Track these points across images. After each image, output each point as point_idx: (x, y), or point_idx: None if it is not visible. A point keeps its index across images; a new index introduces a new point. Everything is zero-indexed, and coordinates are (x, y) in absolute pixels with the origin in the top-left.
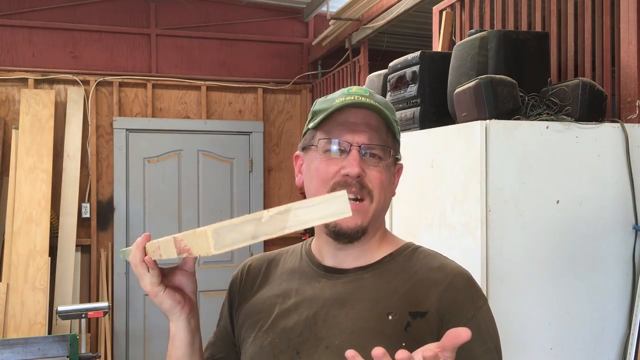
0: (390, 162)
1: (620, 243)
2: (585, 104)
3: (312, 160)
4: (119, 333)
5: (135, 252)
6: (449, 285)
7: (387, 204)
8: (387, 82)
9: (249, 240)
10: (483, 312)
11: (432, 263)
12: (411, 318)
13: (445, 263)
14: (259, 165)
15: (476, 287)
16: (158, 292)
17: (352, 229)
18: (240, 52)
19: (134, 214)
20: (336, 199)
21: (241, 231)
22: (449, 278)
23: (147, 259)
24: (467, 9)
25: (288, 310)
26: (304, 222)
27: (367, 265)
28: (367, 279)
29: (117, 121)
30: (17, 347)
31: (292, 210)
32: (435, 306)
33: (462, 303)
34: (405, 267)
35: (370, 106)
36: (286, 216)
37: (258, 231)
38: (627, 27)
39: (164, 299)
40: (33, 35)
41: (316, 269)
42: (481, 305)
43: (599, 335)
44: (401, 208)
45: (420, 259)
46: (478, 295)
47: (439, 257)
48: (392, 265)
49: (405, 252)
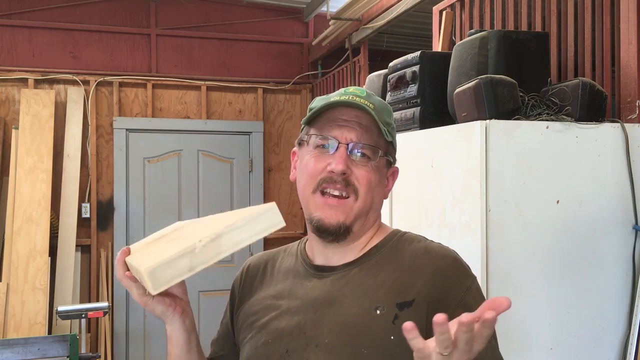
0: (380, 163)
1: (620, 243)
2: (585, 104)
3: (303, 156)
4: (119, 333)
5: (117, 267)
6: (434, 270)
7: (377, 205)
8: (387, 82)
9: (186, 274)
10: (472, 292)
11: (417, 248)
12: (398, 310)
13: (430, 247)
14: (259, 165)
15: (463, 267)
16: (147, 301)
17: (334, 225)
18: (240, 52)
19: (134, 214)
20: (267, 213)
21: (177, 267)
22: (434, 262)
23: (128, 274)
24: (467, 9)
25: (281, 311)
26: (239, 243)
27: (353, 260)
28: (354, 275)
29: (117, 121)
30: (17, 347)
31: (223, 234)
32: (423, 293)
33: (450, 286)
34: (391, 257)
35: (362, 106)
36: (219, 241)
37: (194, 262)
38: (627, 27)
39: (155, 305)
40: (33, 35)
41: (308, 269)
42: (469, 284)
43: (599, 335)
44: (401, 208)
45: (405, 246)
46: (465, 275)
47: (424, 241)
48: (378, 257)
49: (390, 242)
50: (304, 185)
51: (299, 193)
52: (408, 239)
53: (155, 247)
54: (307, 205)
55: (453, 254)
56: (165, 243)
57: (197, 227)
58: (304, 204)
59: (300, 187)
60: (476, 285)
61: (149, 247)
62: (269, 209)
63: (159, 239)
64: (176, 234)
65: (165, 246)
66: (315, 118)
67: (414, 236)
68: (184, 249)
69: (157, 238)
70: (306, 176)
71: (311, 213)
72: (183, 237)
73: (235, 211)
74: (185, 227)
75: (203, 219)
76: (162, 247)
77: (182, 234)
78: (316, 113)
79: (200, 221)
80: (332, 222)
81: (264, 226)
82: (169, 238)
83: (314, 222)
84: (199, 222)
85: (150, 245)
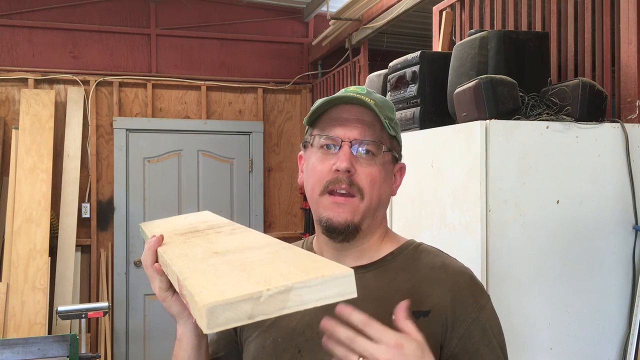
0: (385, 159)
1: (620, 243)
2: (585, 104)
3: (309, 158)
4: (119, 333)
5: (147, 253)
6: (452, 286)
7: (384, 202)
8: (387, 82)
9: (245, 320)
10: (487, 310)
11: (434, 261)
12: (415, 318)
13: (448, 262)
14: (259, 165)
15: (478, 286)
16: (166, 297)
17: (342, 224)
18: (240, 52)
19: (134, 214)
20: (343, 279)
21: (238, 310)
22: (451, 278)
23: (157, 266)
24: (467, 9)
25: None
26: (305, 303)
27: (368, 264)
28: (369, 279)
29: (117, 121)
30: (17, 347)
31: (293, 289)
32: (439, 305)
33: (466, 303)
34: (407, 265)
35: (363, 103)
36: (287, 296)
37: (255, 311)
38: (627, 27)
39: (172, 303)
40: (33, 35)
41: None
42: (484, 304)
43: (599, 335)
44: (401, 208)
45: (422, 257)
46: (480, 294)
47: (441, 255)
48: (394, 263)
49: (407, 251)
50: (312, 188)
51: (307, 196)
52: (425, 250)
53: (196, 251)
54: (317, 207)
55: (469, 271)
56: (212, 256)
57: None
58: (313, 207)
59: (308, 190)
60: (490, 305)
61: (186, 246)
62: (345, 275)
63: (194, 236)
64: (215, 239)
65: (215, 262)
66: (317, 118)
67: (430, 248)
68: (249, 293)
69: (189, 231)
70: (314, 179)
71: (320, 214)
72: (233, 256)
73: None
74: (223, 231)
75: (244, 230)
76: (210, 261)
77: (226, 245)
78: (318, 113)
79: (243, 232)
80: (340, 221)
81: (335, 292)
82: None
83: (323, 222)
84: (244, 232)
85: (187, 245)
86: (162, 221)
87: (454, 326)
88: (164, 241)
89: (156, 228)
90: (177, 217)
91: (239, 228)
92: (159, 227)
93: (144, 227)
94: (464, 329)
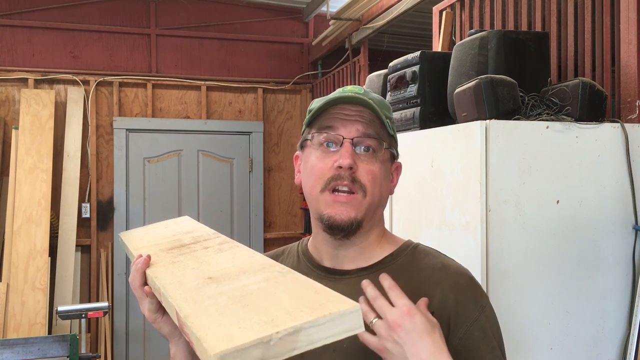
0: (385, 156)
1: (620, 243)
2: (585, 104)
3: (308, 157)
4: (119, 333)
5: (135, 275)
6: (453, 286)
7: (384, 200)
8: (387, 82)
9: None
10: (486, 311)
11: (433, 263)
12: None
13: (447, 263)
14: (259, 165)
15: (478, 287)
16: (156, 318)
17: (345, 221)
18: (240, 52)
19: (134, 214)
20: (350, 314)
21: (248, 356)
22: (452, 278)
23: (147, 289)
24: (467, 9)
25: None
26: (315, 342)
27: (368, 266)
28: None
29: (117, 121)
30: (17, 347)
31: (302, 330)
32: (441, 306)
33: (467, 304)
34: (407, 267)
35: (362, 101)
36: (296, 337)
37: (266, 355)
38: (627, 27)
39: (162, 325)
40: (33, 35)
41: (315, 270)
42: (484, 304)
43: (599, 335)
44: (401, 208)
45: (421, 258)
46: (480, 295)
47: (439, 256)
48: (394, 266)
49: (405, 252)
50: (312, 185)
51: (305, 194)
52: (423, 251)
53: (188, 276)
54: (317, 204)
55: (468, 272)
56: (207, 282)
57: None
58: (313, 204)
59: (307, 189)
60: (489, 305)
61: (176, 268)
62: (352, 311)
63: (181, 253)
64: (204, 258)
65: (212, 293)
66: (316, 118)
67: (428, 249)
68: (259, 338)
69: (175, 246)
70: (314, 177)
71: (321, 211)
72: (230, 284)
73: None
74: (210, 247)
75: (232, 246)
76: (206, 290)
77: (219, 267)
78: (317, 112)
79: (232, 248)
80: (343, 219)
81: (343, 328)
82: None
83: (325, 220)
84: (232, 248)
85: (176, 267)
86: (142, 231)
87: (456, 326)
88: (152, 263)
89: (138, 241)
90: (156, 225)
91: (226, 242)
92: (140, 239)
93: (124, 238)
94: (465, 328)
